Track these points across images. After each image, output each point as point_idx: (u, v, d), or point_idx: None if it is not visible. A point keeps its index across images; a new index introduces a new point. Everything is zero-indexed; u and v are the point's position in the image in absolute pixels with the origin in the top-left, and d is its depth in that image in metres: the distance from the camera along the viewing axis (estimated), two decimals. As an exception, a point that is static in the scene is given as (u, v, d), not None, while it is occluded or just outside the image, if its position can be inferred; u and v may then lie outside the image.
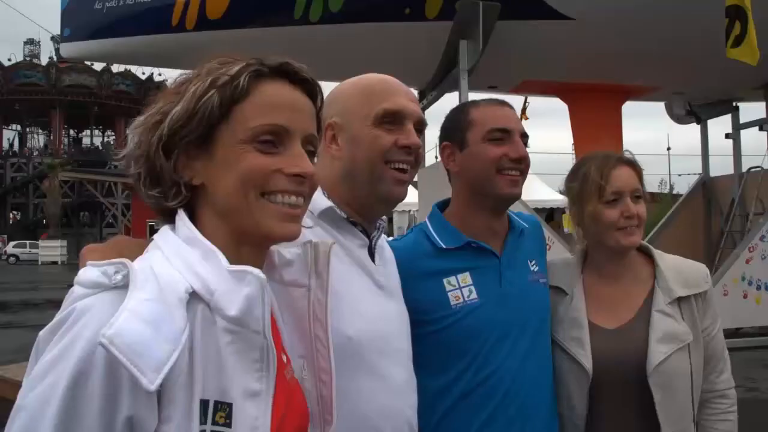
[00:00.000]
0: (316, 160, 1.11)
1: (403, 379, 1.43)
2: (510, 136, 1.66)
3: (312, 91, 1.09)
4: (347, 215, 1.45)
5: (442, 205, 1.81)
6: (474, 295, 1.63)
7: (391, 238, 1.74)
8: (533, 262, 1.77)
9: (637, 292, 1.81)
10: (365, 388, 1.33)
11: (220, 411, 0.89)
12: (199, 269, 0.95)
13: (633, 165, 1.79)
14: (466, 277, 1.65)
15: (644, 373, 1.68)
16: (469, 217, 1.72)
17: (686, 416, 1.73)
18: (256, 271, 0.94)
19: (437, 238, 1.70)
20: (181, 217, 1.02)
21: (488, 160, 1.65)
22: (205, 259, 0.96)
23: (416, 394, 1.46)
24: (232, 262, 0.97)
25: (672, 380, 1.69)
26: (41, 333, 0.89)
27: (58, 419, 0.81)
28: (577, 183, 1.80)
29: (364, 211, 1.47)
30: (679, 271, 1.81)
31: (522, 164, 1.67)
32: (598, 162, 1.77)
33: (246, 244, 1.03)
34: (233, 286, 0.94)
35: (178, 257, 0.96)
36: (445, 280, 1.64)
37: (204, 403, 0.88)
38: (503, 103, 1.73)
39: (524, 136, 1.69)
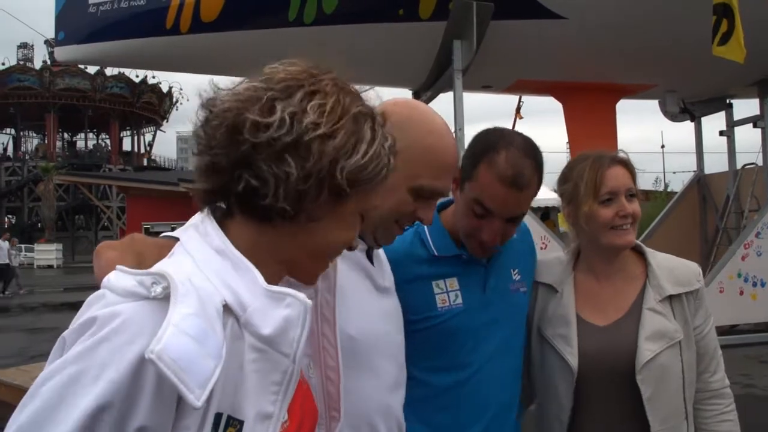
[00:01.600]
0: None
1: (395, 376, 1.47)
2: (490, 215, 1.62)
3: None
4: None
5: (440, 206, 1.83)
6: (459, 300, 1.71)
7: None
8: (516, 270, 1.83)
9: (629, 290, 1.83)
10: (363, 386, 1.36)
11: (230, 426, 0.88)
12: (233, 283, 0.94)
13: (626, 164, 1.81)
14: (453, 282, 1.72)
15: (633, 370, 1.70)
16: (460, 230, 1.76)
17: (677, 413, 1.74)
18: (301, 295, 0.95)
19: (431, 246, 1.75)
20: (210, 224, 1.01)
21: (463, 224, 1.69)
22: (236, 272, 0.95)
23: (404, 390, 1.51)
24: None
25: (661, 377, 1.70)
26: (67, 332, 0.86)
27: (76, 416, 0.79)
28: (571, 183, 1.81)
29: (365, 242, 1.50)
30: (671, 269, 1.83)
31: (492, 244, 1.67)
32: (592, 162, 1.79)
33: (279, 269, 1.04)
34: (269, 305, 0.93)
35: (211, 269, 0.94)
36: (434, 283, 1.71)
37: (218, 417, 0.87)
38: (515, 185, 1.58)
39: (514, 219, 1.65)
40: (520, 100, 15.80)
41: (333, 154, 0.93)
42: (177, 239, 1.03)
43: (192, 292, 0.86)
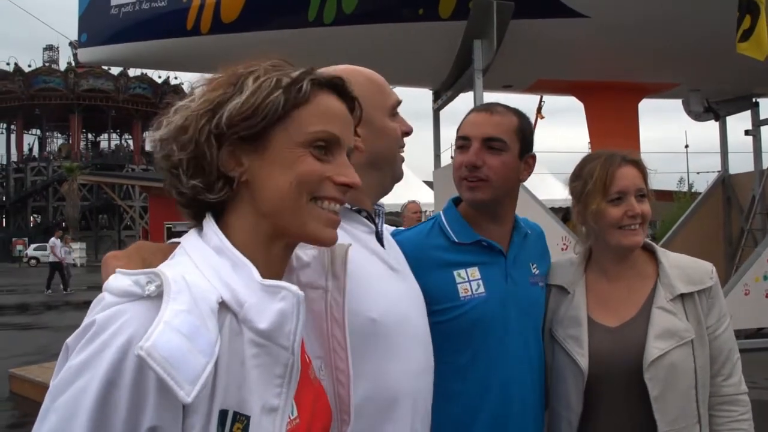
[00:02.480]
0: None
1: (424, 361, 1.47)
2: (469, 143, 1.73)
3: (353, 108, 1.13)
4: (351, 204, 1.48)
5: (458, 200, 1.87)
6: (481, 290, 1.70)
7: (401, 228, 1.85)
8: (534, 265, 1.84)
9: (640, 290, 1.81)
10: (391, 370, 1.36)
11: (237, 422, 0.89)
12: (230, 280, 0.95)
13: (637, 164, 1.80)
14: (475, 272, 1.72)
15: (641, 369, 1.67)
16: (473, 213, 1.80)
17: (688, 415, 1.70)
18: (293, 287, 0.96)
19: (450, 232, 1.77)
20: (210, 225, 1.03)
21: (454, 167, 1.78)
22: (234, 269, 0.97)
23: (432, 375, 1.50)
24: (260, 261, 0.99)
25: (671, 377, 1.67)
26: (69, 339, 0.88)
27: (89, 424, 0.81)
28: (580, 182, 1.80)
29: (381, 194, 1.58)
30: (683, 268, 1.80)
31: (477, 171, 1.71)
32: (603, 160, 1.78)
33: (279, 243, 1.05)
34: (265, 299, 0.95)
35: (208, 266, 0.97)
36: (455, 273, 1.71)
37: (223, 413, 0.88)
38: (484, 109, 1.78)
39: (491, 140, 1.72)
40: (541, 100, 15.70)
41: (209, 116, 1.01)
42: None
43: (185, 290, 0.88)
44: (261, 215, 1.03)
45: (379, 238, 1.54)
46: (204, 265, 0.97)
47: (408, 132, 1.59)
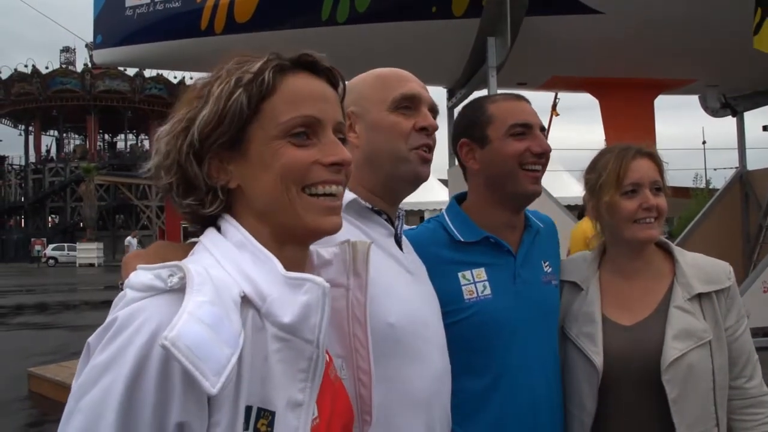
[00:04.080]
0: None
1: (443, 365, 1.44)
2: (531, 131, 1.67)
3: (334, 80, 1.09)
4: (371, 205, 1.46)
5: (460, 198, 1.82)
6: (488, 291, 1.64)
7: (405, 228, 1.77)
8: (547, 263, 1.77)
9: (656, 289, 1.76)
10: (412, 374, 1.34)
11: (262, 418, 0.88)
12: (252, 274, 0.94)
13: (653, 157, 1.76)
14: (481, 273, 1.66)
15: (659, 370, 1.62)
16: (488, 212, 1.72)
17: (706, 419, 1.65)
18: (318, 279, 0.94)
19: (455, 231, 1.70)
20: (230, 221, 1.02)
21: (511, 155, 1.65)
22: (256, 264, 0.96)
23: (450, 378, 1.47)
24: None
25: (689, 378, 1.62)
26: (91, 337, 0.87)
27: (116, 423, 0.80)
28: (594, 175, 1.78)
29: (389, 194, 1.50)
30: (700, 267, 1.75)
31: (544, 158, 1.68)
32: (617, 153, 1.75)
33: (288, 243, 1.03)
34: (288, 292, 0.93)
35: (230, 261, 0.96)
36: (459, 274, 1.65)
37: (247, 409, 0.87)
38: (520, 97, 1.73)
39: (542, 130, 1.70)
40: (556, 97, 15.67)
41: (183, 135, 1.01)
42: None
43: (208, 281, 0.87)
44: (258, 218, 1.02)
45: (398, 241, 1.51)
46: (225, 260, 0.96)
47: (424, 127, 1.49)
